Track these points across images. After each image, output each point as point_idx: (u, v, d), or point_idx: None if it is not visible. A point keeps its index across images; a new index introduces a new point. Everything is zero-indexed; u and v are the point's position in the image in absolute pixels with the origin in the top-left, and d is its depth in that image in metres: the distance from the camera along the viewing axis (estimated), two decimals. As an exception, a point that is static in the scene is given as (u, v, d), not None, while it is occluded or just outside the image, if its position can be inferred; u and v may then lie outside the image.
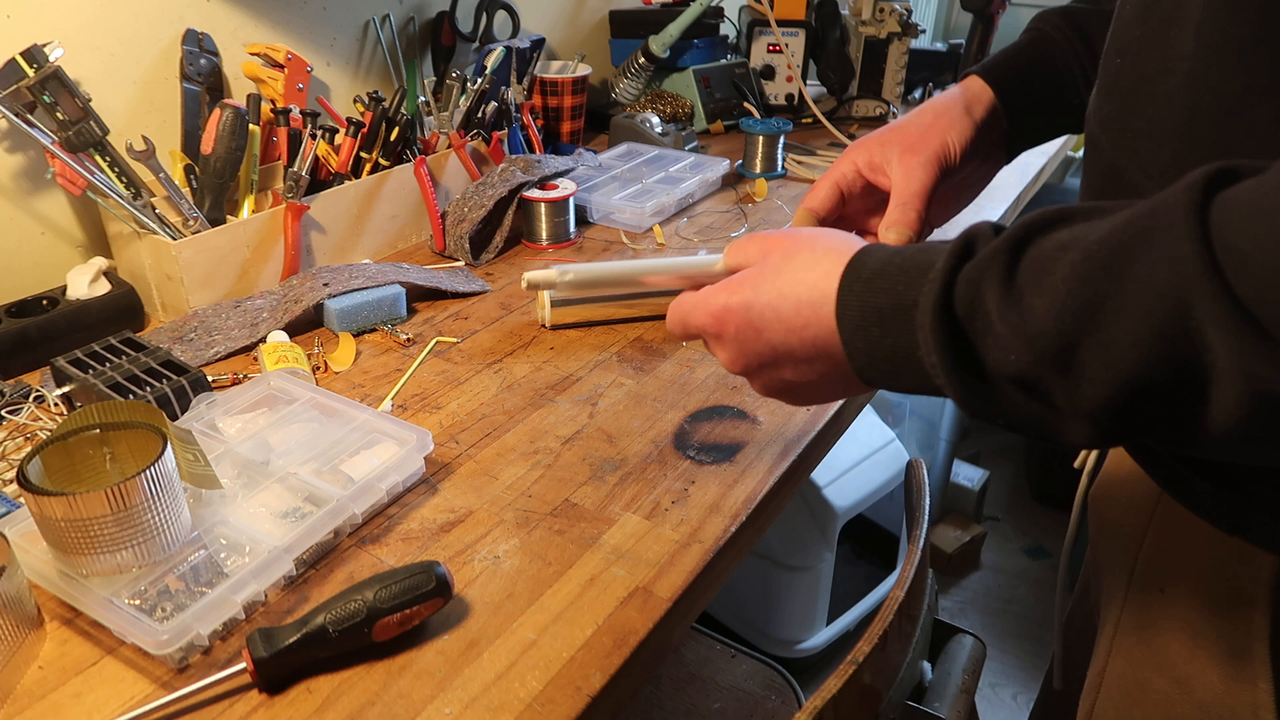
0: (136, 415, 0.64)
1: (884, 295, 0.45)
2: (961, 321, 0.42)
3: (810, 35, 1.67)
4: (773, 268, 0.52)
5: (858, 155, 0.69)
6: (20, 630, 0.57)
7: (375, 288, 0.97)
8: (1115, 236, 0.37)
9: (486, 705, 0.54)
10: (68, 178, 0.91)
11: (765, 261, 0.53)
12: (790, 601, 1.57)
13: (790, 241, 0.53)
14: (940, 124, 0.68)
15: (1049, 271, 0.39)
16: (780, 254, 0.52)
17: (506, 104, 1.25)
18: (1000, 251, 0.41)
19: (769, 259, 0.53)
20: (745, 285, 0.53)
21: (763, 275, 0.52)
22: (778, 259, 0.52)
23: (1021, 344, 0.39)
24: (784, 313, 0.50)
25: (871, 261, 0.47)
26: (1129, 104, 0.52)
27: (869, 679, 0.63)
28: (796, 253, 0.51)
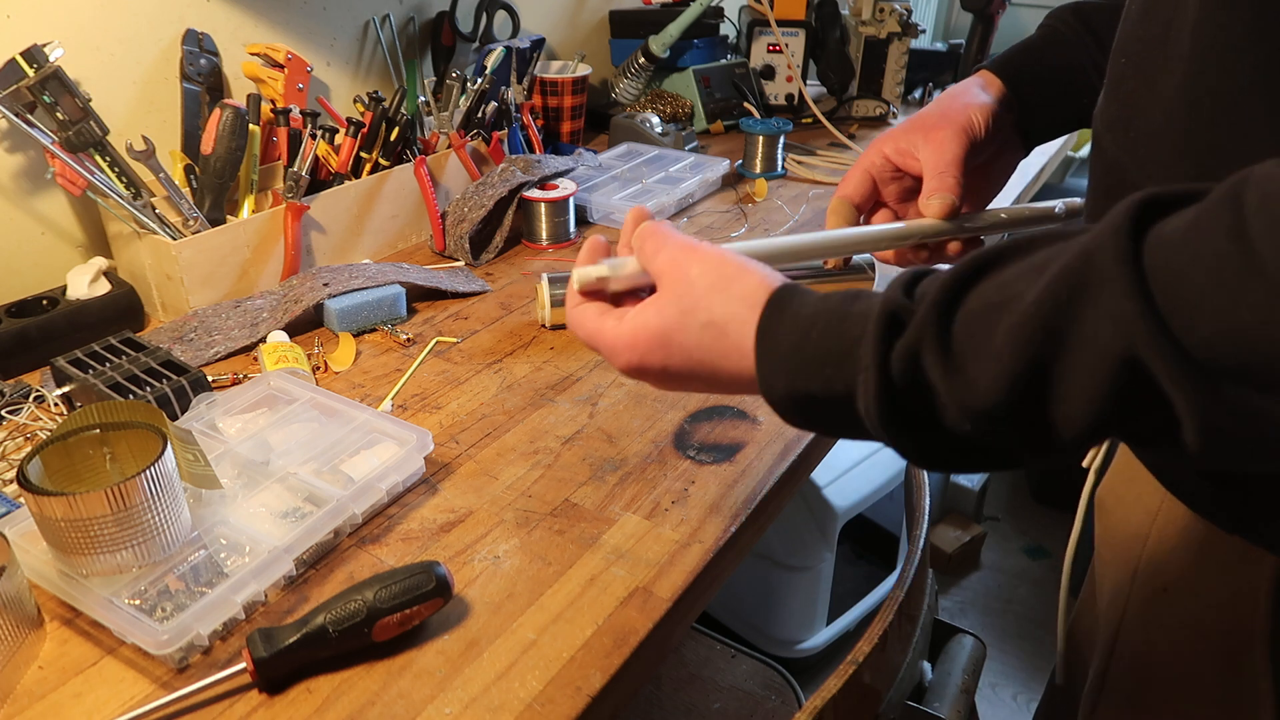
0: (136, 415, 0.64)
1: (812, 381, 0.44)
2: (908, 404, 0.41)
3: (810, 35, 1.67)
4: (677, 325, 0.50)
5: (885, 145, 0.70)
6: (20, 630, 0.57)
7: (375, 288, 0.97)
8: (1050, 295, 0.36)
9: (486, 705, 0.54)
10: (68, 178, 0.91)
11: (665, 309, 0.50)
12: (790, 601, 1.56)
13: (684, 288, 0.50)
14: (959, 103, 0.69)
15: (986, 336, 0.38)
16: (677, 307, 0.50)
17: (506, 104, 1.25)
18: (930, 322, 0.40)
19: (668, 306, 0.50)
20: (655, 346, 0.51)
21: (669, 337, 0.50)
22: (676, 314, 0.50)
23: (975, 415, 0.39)
24: (702, 374, 0.50)
25: (784, 333, 0.46)
26: (1131, 104, 0.53)
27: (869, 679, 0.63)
28: (693, 313, 0.49)
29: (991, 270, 0.40)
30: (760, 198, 1.34)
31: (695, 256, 0.51)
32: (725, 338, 0.48)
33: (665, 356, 0.50)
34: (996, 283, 0.39)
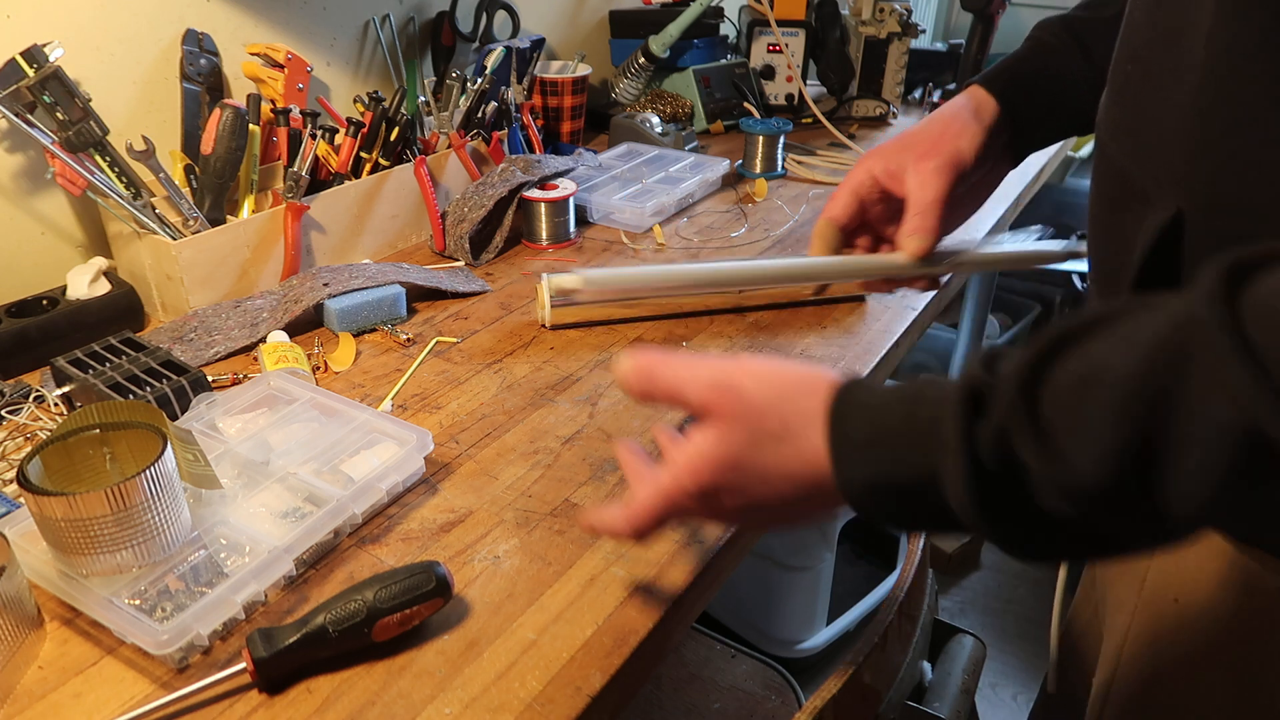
0: (136, 415, 0.64)
1: (896, 468, 0.42)
2: (1002, 489, 0.38)
3: (810, 35, 1.67)
4: (746, 448, 0.47)
5: (874, 164, 0.70)
6: (20, 630, 0.57)
7: (375, 288, 0.97)
8: (1148, 367, 0.34)
9: (486, 705, 0.54)
10: (68, 178, 0.91)
11: (728, 437, 0.47)
12: (790, 601, 1.56)
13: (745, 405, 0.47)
14: (951, 131, 0.69)
15: (1079, 412, 0.36)
16: (744, 429, 0.47)
17: (506, 104, 1.25)
18: (1016, 398, 0.38)
19: (732, 433, 0.47)
20: (725, 473, 0.48)
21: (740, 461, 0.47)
22: (744, 436, 0.47)
23: (1073, 495, 0.37)
24: (781, 489, 0.47)
25: (858, 425, 0.44)
26: (1138, 111, 0.52)
27: (869, 679, 0.63)
28: (762, 428, 0.47)
29: (1074, 343, 0.38)
30: (760, 198, 1.34)
31: (742, 371, 0.48)
32: (797, 440, 0.45)
33: (740, 479, 0.47)
34: (1082, 356, 0.37)
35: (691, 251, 1.16)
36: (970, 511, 0.39)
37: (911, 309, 1.00)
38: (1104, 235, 0.57)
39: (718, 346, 0.93)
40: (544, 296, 0.94)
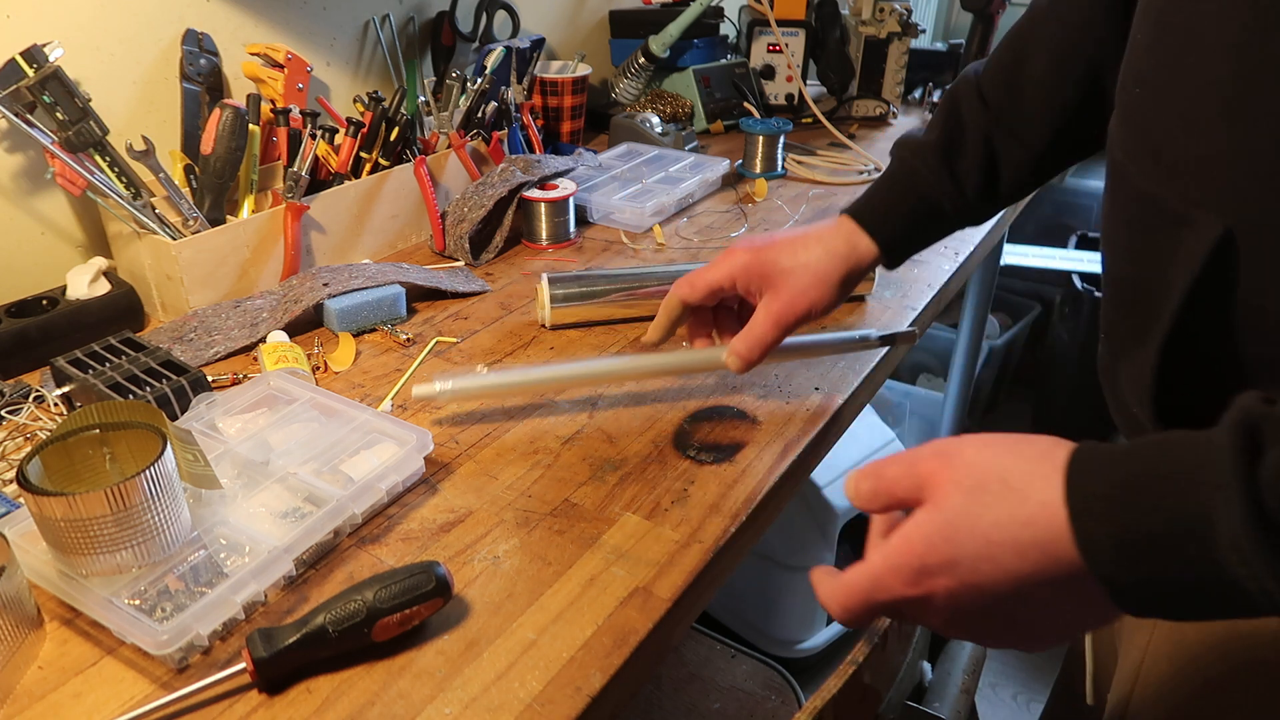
0: (136, 415, 0.64)
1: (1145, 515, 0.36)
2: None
3: (810, 35, 1.67)
4: (962, 510, 0.41)
5: (738, 275, 0.74)
6: (20, 630, 0.57)
7: (375, 288, 0.97)
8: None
9: (486, 705, 0.54)
10: (68, 178, 0.91)
11: (943, 501, 0.42)
12: (790, 601, 1.57)
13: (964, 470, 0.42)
14: (812, 293, 0.73)
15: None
16: (960, 491, 0.42)
17: (506, 104, 1.25)
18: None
19: (947, 497, 0.42)
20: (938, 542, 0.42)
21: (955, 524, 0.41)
22: (960, 499, 0.42)
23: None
24: (1005, 561, 0.40)
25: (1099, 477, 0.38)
26: (1156, 133, 0.51)
27: (869, 679, 0.63)
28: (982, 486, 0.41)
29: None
30: (760, 198, 1.34)
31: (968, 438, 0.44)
32: (1028, 500, 0.40)
33: (955, 548, 0.41)
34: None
35: (692, 251, 1.16)
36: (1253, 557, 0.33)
37: (911, 309, 1.00)
38: (1129, 259, 0.56)
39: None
40: (544, 296, 0.94)
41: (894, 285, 1.05)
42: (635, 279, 0.95)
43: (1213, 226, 0.47)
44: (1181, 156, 0.49)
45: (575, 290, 0.94)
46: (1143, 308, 0.54)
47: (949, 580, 0.41)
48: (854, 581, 0.45)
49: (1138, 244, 0.54)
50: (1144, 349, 0.53)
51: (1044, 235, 2.62)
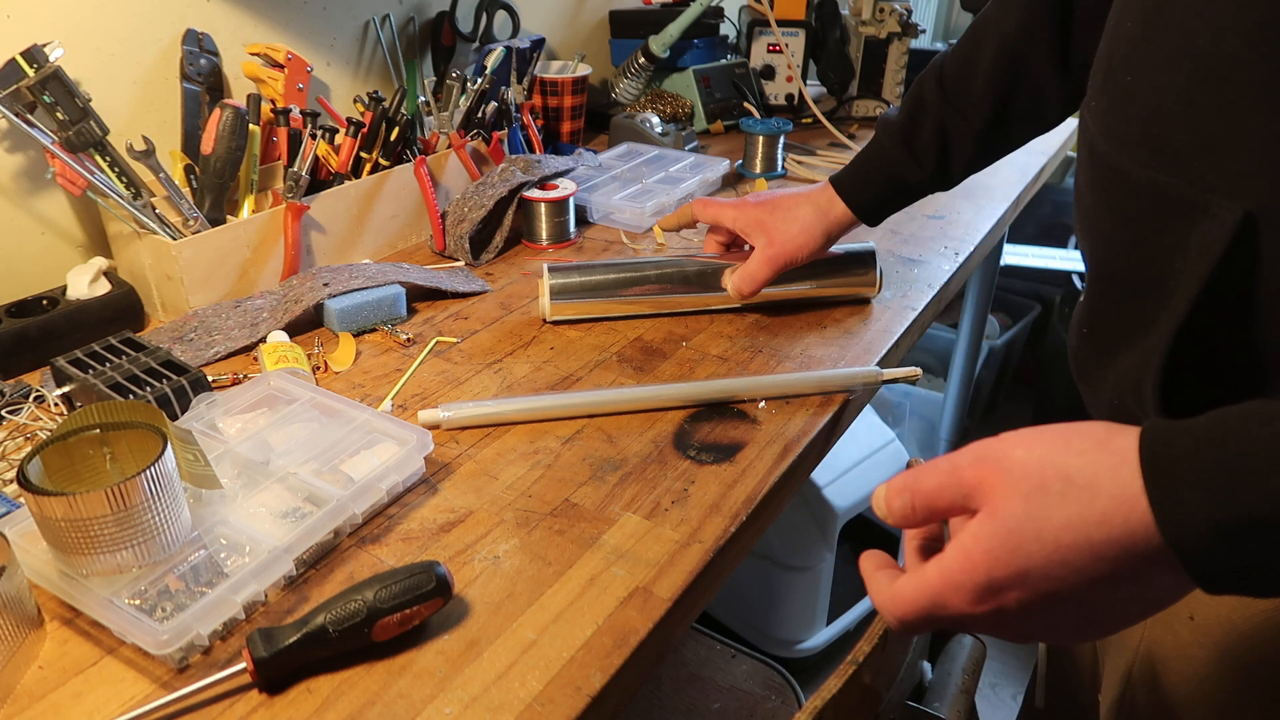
0: (136, 415, 0.64)
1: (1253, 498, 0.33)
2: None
3: (810, 35, 1.67)
4: (1025, 516, 0.38)
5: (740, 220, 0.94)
6: (20, 630, 0.57)
7: (375, 288, 0.97)
8: None
9: (486, 705, 0.54)
10: (68, 178, 0.91)
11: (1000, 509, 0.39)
12: (790, 601, 1.57)
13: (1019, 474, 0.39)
14: (800, 239, 0.91)
15: None
16: (1017, 496, 0.39)
17: (506, 104, 1.25)
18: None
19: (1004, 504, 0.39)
20: (1000, 552, 0.39)
21: (1021, 532, 0.38)
22: (1021, 504, 0.38)
23: None
24: (1080, 564, 0.37)
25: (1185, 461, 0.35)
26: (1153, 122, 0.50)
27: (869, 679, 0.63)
28: (1043, 488, 0.38)
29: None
30: (760, 198, 1.33)
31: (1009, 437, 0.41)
32: (1097, 496, 0.37)
33: (1023, 559, 0.38)
34: None
35: (691, 251, 1.16)
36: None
37: (911, 309, 1.00)
38: (1123, 251, 0.55)
39: (717, 347, 0.93)
40: (544, 288, 0.96)
41: (894, 285, 1.05)
42: (639, 269, 0.97)
43: (1231, 212, 0.46)
44: (1189, 143, 0.48)
45: (575, 281, 0.96)
46: (1143, 300, 0.53)
47: (1021, 592, 0.39)
48: (913, 598, 0.42)
49: (1133, 235, 0.53)
50: (1147, 340, 0.52)
51: (1044, 235, 2.61)
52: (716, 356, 0.92)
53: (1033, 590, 0.38)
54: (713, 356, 0.92)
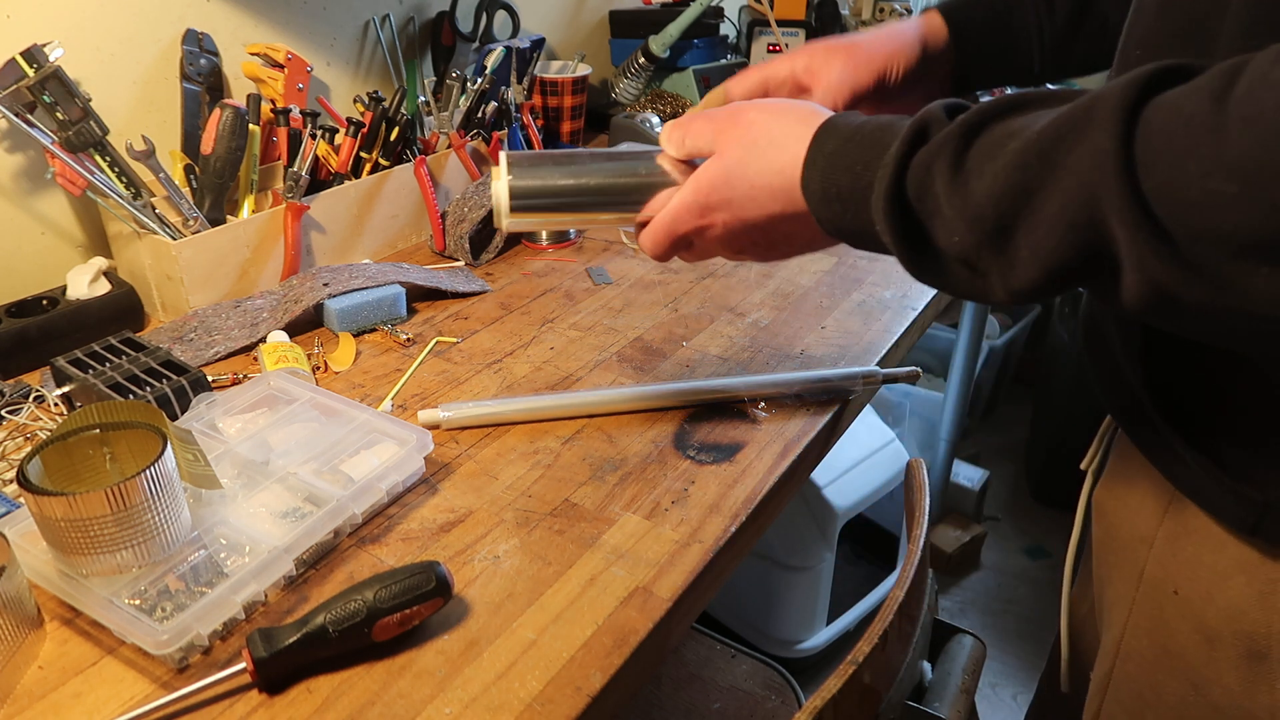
0: (136, 415, 0.64)
1: (844, 175, 0.48)
2: (913, 203, 0.45)
3: (810, 35, 1.67)
4: (738, 160, 0.54)
5: (798, 59, 0.70)
6: (20, 630, 0.57)
7: (375, 288, 0.97)
8: (1054, 127, 0.39)
9: (486, 705, 0.54)
10: (68, 178, 0.91)
11: (725, 153, 0.54)
12: (790, 601, 1.57)
13: (744, 129, 0.54)
14: (890, 47, 0.71)
15: (993, 158, 0.41)
16: (739, 146, 0.54)
17: (506, 104, 1.25)
18: (953, 137, 0.43)
19: (729, 150, 0.54)
20: (719, 185, 0.55)
21: (731, 172, 0.54)
22: (739, 152, 0.54)
23: (964, 226, 0.42)
24: (762, 201, 0.54)
25: (833, 139, 0.50)
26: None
27: (869, 679, 0.63)
28: (755, 143, 0.53)
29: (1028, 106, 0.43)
30: (760, 198, 1.33)
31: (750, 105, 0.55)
32: (783, 152, 0.52)
33: (729, 191, 0.54)
34: (1022, 117, 0.42)
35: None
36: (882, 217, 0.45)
37: (911, 309, 1.00)
38: None
39: (717, 347, 0.93)
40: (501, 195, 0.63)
41: (894, 285, 1.05)
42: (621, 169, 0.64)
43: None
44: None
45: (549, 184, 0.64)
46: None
47: (726, 216, 0.55)
48: (660, 221, 0.58)
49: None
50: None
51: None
52: (716, 356, 0.92)
53: (734, 216, 0.55)
54: (713, 356, 0.92)
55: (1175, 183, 0.35)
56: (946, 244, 0.44)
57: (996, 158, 0.41)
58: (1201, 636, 0.57)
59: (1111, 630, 0.66)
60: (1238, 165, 0.34)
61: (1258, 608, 0.54)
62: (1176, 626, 0.59)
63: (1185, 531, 0.58)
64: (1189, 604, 0.58)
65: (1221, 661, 0.57)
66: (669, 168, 0.61)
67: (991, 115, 0.43)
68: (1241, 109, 0.34)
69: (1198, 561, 0.57)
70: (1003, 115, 0.43)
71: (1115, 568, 0.66)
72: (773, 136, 0.53)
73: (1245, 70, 0.35)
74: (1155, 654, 0.61)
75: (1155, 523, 0.61)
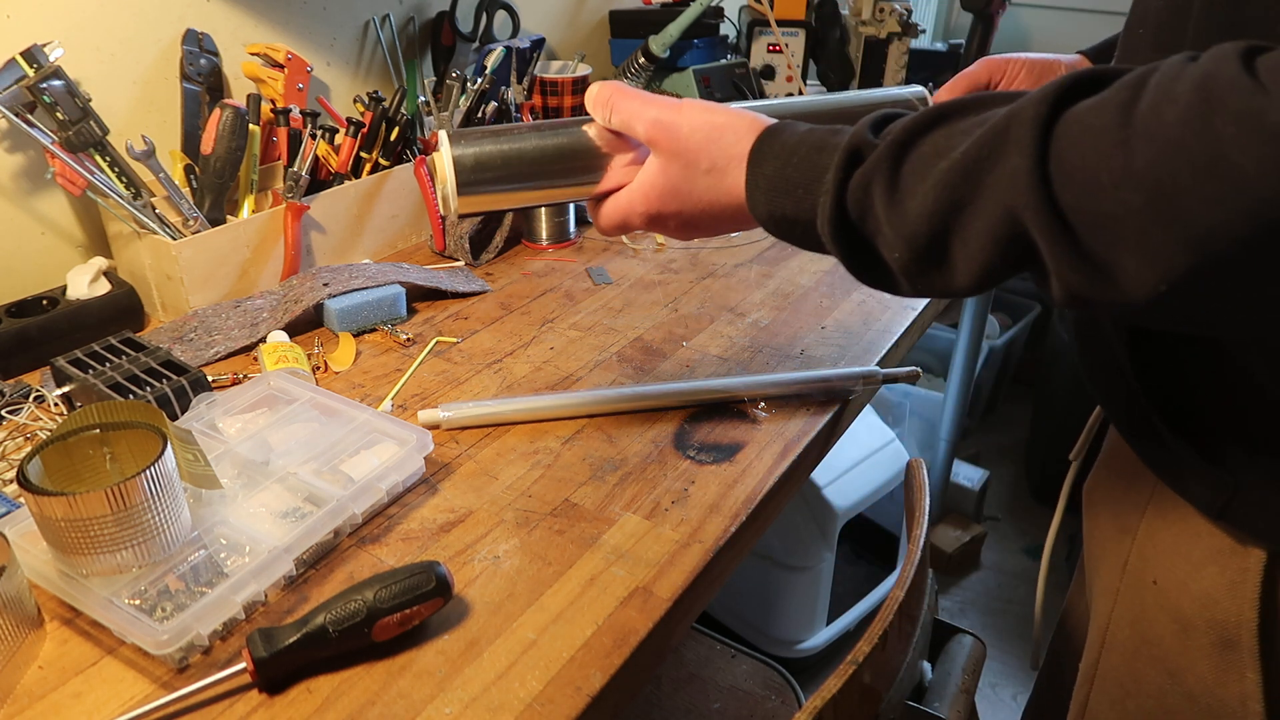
0: (136, 415, 0.64)
1: (786, 200, 0.52)
2: (855, 224, 0.48)
3: (810, 35, 1.67)
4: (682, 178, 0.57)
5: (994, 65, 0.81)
6: (20, 630, 0.57)
7: (375, 288, 0.97)
8: (976, 146, 0.42)
9: (486, 705, 0.54)
10: (68, 178, 0.91)
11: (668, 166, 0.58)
12: (790, 601, 1.57)
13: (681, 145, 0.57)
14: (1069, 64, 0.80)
15: (923, 178, 0.44)
16: (679, 162, 0.57)
17: (506, 104, 1.25)
18: (884, 159, 0.46)
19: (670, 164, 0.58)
20: (667, 199, 0.59)
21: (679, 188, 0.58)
22: (679, 168, 0.57)
23: (903, 243, 0.45)
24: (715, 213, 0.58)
25: (770, 161, 0.53)
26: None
27: (869, 679, 0.63)
28: (694, 164, 0.56)
29: (949, 120, 0.45)
30: (760, 198, 1.33)
31: (681, 116, 0.57)
32: (724, 178, 0.55)
33: (678, 205, 0.58)
34: (947, 131, 0.44)
35: (691, 252, 1.16)
36: (830, 240, 0.49)
37: (911, 309, 1.00)
38: None
39: (717, 347, 0.93)
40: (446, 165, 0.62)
41: (894, 285, 1.05)
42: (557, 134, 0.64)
43: None
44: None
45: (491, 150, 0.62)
46: None
47: (677, 220, 0.59)
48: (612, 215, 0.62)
49: None
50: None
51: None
52: (716, 356, 0.92)
53: (684, 220, 0.59)
54: (713, 356, 0.92)
55: (1090, 196, 0.37)
56: (890, 258, 0.47)
57: (925, 178, 0.44)
58: (1177, 625, 0.59)
59: (1098, 620, 0.67)
60: (1143, 178, 0.36)
61: (1229, 597, 0.55)
62: (1154, 616, 0.60)
63: (1165, 523, 0.60)
64: (1166, 593, 0.59)
65: (1195, 650, 0.58)
66: (595, 137, 0.63)
67: (918, 131, 0.45)
68: (1144, 123, 0.36)
69: (1174, 552, 0.58)
70: (929, 129, 0.45)
71: (1102, 559, 0.67)
72: (713, 161, 0.56)
73: (1149, 83, 0.36)
74: (1136, 643, 0.63)
75: (1139, 515, 0.62)
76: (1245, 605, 0.54)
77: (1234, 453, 0.53)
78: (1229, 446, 0.53)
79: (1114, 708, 0.65)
